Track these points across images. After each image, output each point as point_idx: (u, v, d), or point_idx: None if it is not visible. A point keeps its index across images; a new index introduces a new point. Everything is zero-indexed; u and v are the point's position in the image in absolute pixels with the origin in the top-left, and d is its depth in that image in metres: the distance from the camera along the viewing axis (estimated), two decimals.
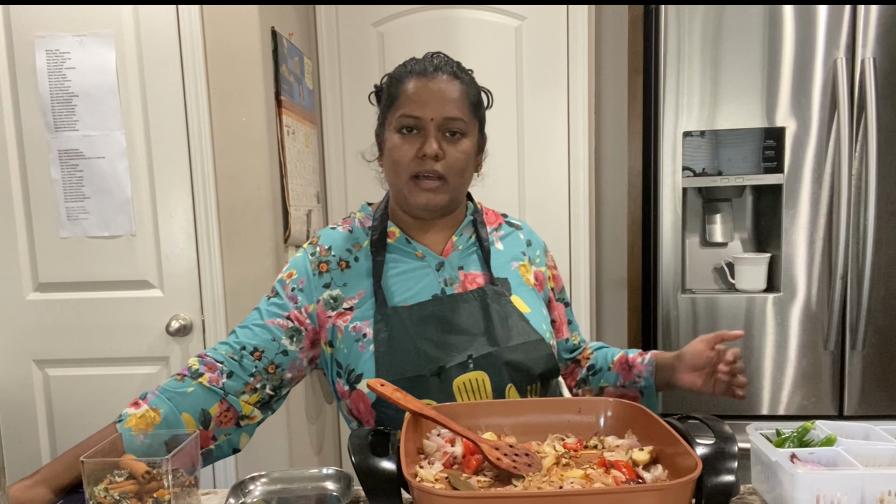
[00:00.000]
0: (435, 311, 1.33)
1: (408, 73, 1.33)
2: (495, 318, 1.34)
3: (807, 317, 2.46)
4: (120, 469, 1.07)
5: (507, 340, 1.33)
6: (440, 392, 1.27)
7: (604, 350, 1.59)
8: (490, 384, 1.30)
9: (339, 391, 1.37)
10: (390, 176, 1.36)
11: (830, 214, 2.40)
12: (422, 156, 1.28)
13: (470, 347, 1.31)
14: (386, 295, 1.35)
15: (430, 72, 1.31)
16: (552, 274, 1.56)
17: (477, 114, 1.37)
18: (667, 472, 0.98)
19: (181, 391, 1.28)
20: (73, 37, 2.14)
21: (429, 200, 1.31)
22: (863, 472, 1.02)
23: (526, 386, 1.34)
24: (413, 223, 1.41)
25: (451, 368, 1.28)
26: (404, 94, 1.31)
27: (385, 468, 0.94)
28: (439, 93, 1.30)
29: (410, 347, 1.29)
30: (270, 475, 1.26)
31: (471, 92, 1.35)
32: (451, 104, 1.30)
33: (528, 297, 1.44)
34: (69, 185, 2.19)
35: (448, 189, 1.32)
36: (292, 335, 1.35)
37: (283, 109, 2.35)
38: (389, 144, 1.33)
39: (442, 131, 1.30)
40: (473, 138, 1.36)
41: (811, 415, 2.41)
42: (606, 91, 2.97)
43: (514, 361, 1.32)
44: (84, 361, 2.29)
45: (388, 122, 1.34)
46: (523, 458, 1.01)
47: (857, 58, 2.33)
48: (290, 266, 1.40)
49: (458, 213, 1.44)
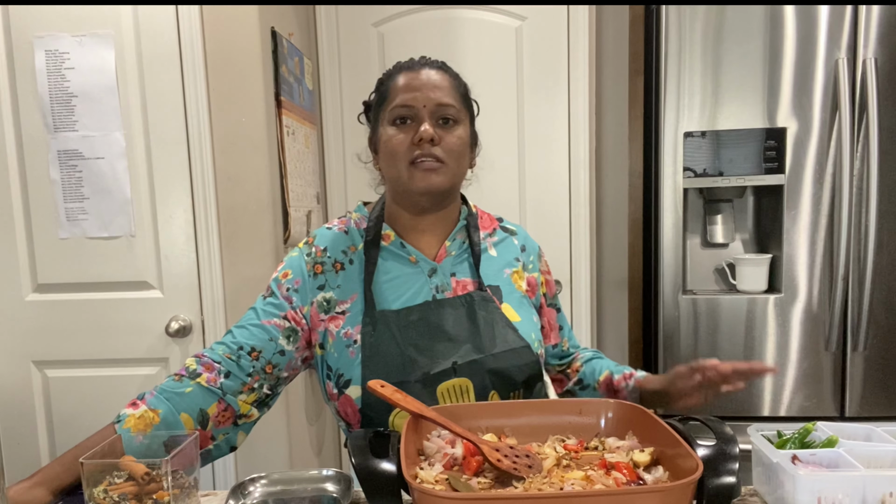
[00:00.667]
0: (422, 317, 1.33)
1: (395, 70, 1.36)
2: (481, 325, 1.34)
3: (808, 318, 2.45)
4: (119, 470, 1.06)
5: (491, 348, 1.32)
6: (424, 397, 1.26)
7: (592, 364, 1.56)
8: (473, 390, 1.30)
9: (329, 393, 1.36)
10: (388, 169, 1.35)
11: (832, 215, 2.40)
12: (418, 140, 1.28)
13: (455, 354, 1.30)
14: (377, 299, 1.34)
15: (417, 66, 1.34)
16: (545, 279, 1.55)
17: (467, 105, 1.38)
18: (668, 474, 0.97)
19: (179, 391, 1.28)
20: (72, 37, 2.13)
21: (430, 182, 1.30)
22: (864, 474, 1.02)
23: (509, 393, 1.33)
24: (409, 224, 1.40)
25: (436, 374, 1.28)
26: (394, 88, 1.32)
27: (385, 469, 0.94)
28: (429, 81, 1.31)
29: (396, 353, 1.29)
30: (270, 476, 1.26)
31: (459, 85, 1.37)
32: (442, 91, 1.31)
33: (519, 305, 1.43)
34: (68, 186, 2.19)
35: (447, 172, 1.31)
36: (289, 335, 1.34)
37: (283, 110, 2.35)
38: (384, 137, 1.33)
39: (435, 118, 1.30)
40: (466, 128, 1.36)
41: (812, 416, 2.39)
42: (607, 91, 2.97)
43: (498, 369, 1.31)
44: (83, 362, 2.29)
45: (381, 119, 1.34)
46: (524, 459, 1.01)
47: (859, 58, 2.32)
48: (286, 265, 1.39)
49: (453, 213, 1.43)
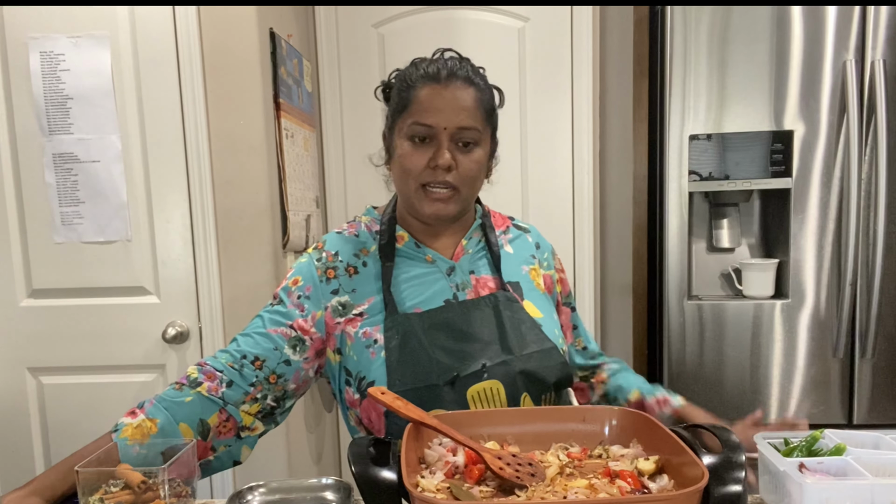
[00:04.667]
0: (447, 319, 1.31)
1: (420, 78, 1.29)
2: (508, 326, 1.32)
3: (815, 324, 2.45)
4: (115, 479, 1.06)
5: (521, 348, 1.30)
6: (453, 401, 1.25)
7: (618, 379, 1.52)
8: (504, 393, 1.28)
9: (349, 400, 1.34)
10: (399, 183, 1.33)
11: (839, 219, 2.39)
12: (433, 166, 1.26)
13: (484, 356, 1.29)
14: (396, 300, 1.32)
15: (443, 77, 1.27)
16: (560, 277, 1.54)
17: (490, 120, 1.34)
18: (673, 483, 0.96)
19: (179, 400, 1.26)
20: (67, 38, 2.12)
21: (438, 210, 1.29)
22: (872, 482, 1.01)
23: (540, 395, 1.32)
24: (422, 228, 1.39)
25: (466, 377, 1.26)
26: (416, 101, 1.27)
27: (386, 478, 0.93)
28: (453, 101, 1.26)
29: (423, 356, 1.27)
30: (269, 485, 1.25)
31: (485, 98, 1.32)
32: (465, 113, 1.26)
33: (540, 302, 1.41)
34: (63, 190, 2.18)
35: (459, 199, 1.30)
36: (295, 345, 1.32)
37: (282, 112, 2.34)
38: (400, 151, 1.30)
39: (455, 141, 1.27)
40: (486, 147, 1.33)
41: (820, 423, 2.36)
42: (611, 93, 2.96)
43: (529, 370, 1.30)
44: (79, 369, 2.28)
45: (399, 129, 1.31)
46: (526, 467, 0.99)
47: (867, 60, 2.32)
48: (295, 272, 1.37)
49: (468, 217, 1.42)
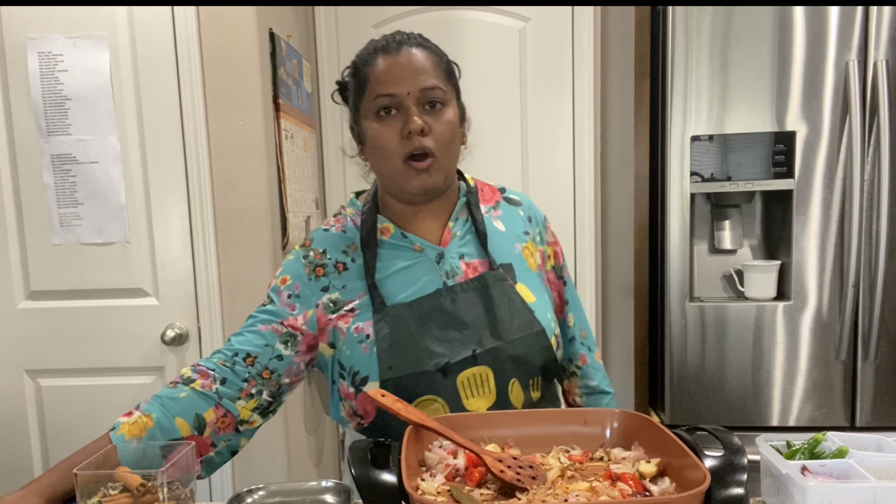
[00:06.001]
0: (435, 306, 1.30)
1: (372, 54, 1.28)
2: (497, 308, 1.31)
3: (818, 326, 2.43)
4: (114, 482, 1.06)
5: (510, 333, 1.30)
6: (443, 388, 1.26)
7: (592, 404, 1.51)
8: (493, 379, 1.28)
9: (343, 392, 1.34)
10: (378, 166, 1.32)
11: (842, 221, 2.38)
12: (406, 135, 1.23)
13: (473, 342, 1.28)
14: (386, 293, 1.32)
15: (394, 47, 1.27)
16: (553, 251, 1.52)
17: (452, 81, 1.33)
18: (674, 485, 0.96)
19: (173, 396, 1.27)
20: (65, 38, 2.12)
21: (423, 182, 1.27)
22: (875, 485, 1.02)
23: (528, 380, 1.32)
24: (406, 212, 1.36)
25: (456, 364, 1.27)
26: (374, 75, 1.26)
27: (386, 481, 0.94)
28: (410, 65, 1.25)
29: (413, 345, 1.27)
30: (268, 488, 1.25)
31: (442, 60, 1.31)
32: (425, 74, 1.25)
33: (534, 283, 1.40)
34: (62, 191, 2.18)
35: (440, 167, 1.27)
36: (287, 340, 1.32)
37: (281, 113, 2.33)
38: (370, 133, 1.28)
39: (421, 104, 1.25)
40: (454, 107, 1.31)
41: (822, 426, 2.37)
42: (612, 94, 2.95)
43: (517, 355, 1.29)
44: (77, 371, 2.28)
45: (364, 111, 1.29)
46: (527, 470, 0.99)
47: (870, 60, 2.30)
48: (283, 271, 1.37)
49: (451, 194, 1.39)
